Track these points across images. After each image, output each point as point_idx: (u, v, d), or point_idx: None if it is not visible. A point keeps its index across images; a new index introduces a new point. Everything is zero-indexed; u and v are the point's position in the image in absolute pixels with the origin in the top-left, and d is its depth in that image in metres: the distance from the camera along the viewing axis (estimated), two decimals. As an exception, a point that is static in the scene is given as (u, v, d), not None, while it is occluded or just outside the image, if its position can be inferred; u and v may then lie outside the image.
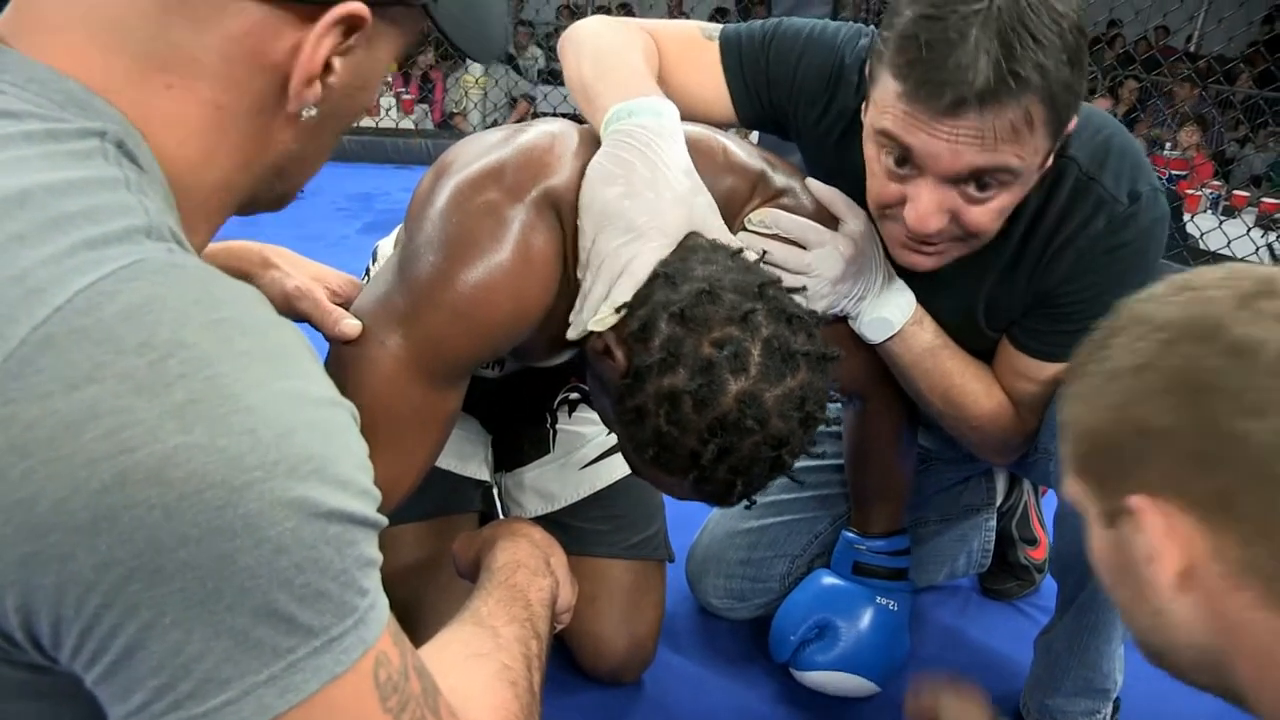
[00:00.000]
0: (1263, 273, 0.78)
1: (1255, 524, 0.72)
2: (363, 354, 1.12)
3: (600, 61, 1.30)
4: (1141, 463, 0.77)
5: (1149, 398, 0.76)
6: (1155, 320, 0.79)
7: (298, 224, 3.77)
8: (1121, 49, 9.52)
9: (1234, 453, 0.72)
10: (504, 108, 7.48)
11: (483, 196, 1.11)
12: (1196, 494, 0.74)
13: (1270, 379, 0.72)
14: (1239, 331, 0.74)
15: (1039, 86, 1.10)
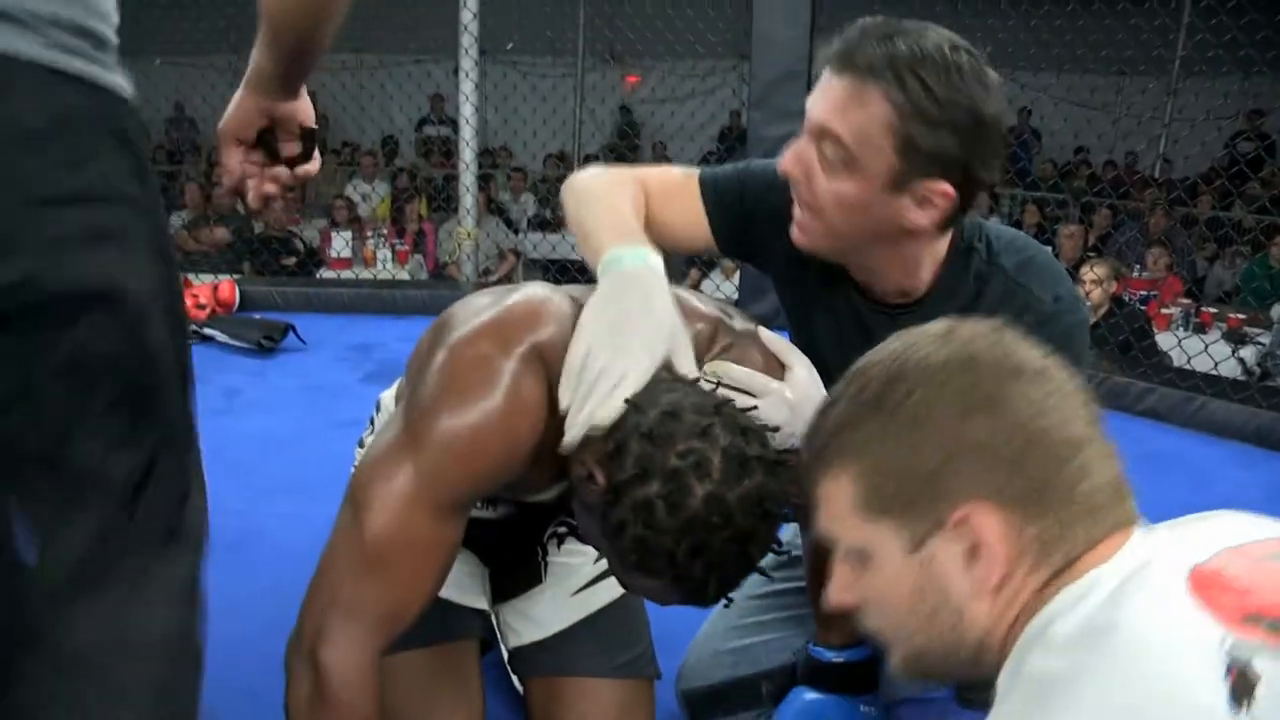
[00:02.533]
0: (976, 323, 1.00)
1: (1049, 499, 0.90)
2: (373, 491, 1.27)
3: (595, 209, 1.50)
4: (965, 479, 0.91)
5: (961, 421, 0.92)
6: (938, 361, 0.96)
7: (302, 375, 3.93)
8: (1088, 171, 9.83)
9: (1035, 447, 0.90)
10: (494, 258, 7.73)
11: (476, 350, 1.28)
12: (1012, 491, 0.90)
13: (1044, 385, 0.93)
14: (1011, 356, 0.96)
15: (891, 82, 1.32)
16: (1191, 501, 3.02)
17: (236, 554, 2.45)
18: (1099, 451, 0.93)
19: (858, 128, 1.34)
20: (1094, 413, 0.96)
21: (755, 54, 4.49)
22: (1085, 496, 0.90)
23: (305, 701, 1.27)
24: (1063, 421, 0.92)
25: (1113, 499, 0.92)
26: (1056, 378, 0.95)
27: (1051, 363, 0.96)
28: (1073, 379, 0.96)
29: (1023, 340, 0.99)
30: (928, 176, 1.36)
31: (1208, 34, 5.61)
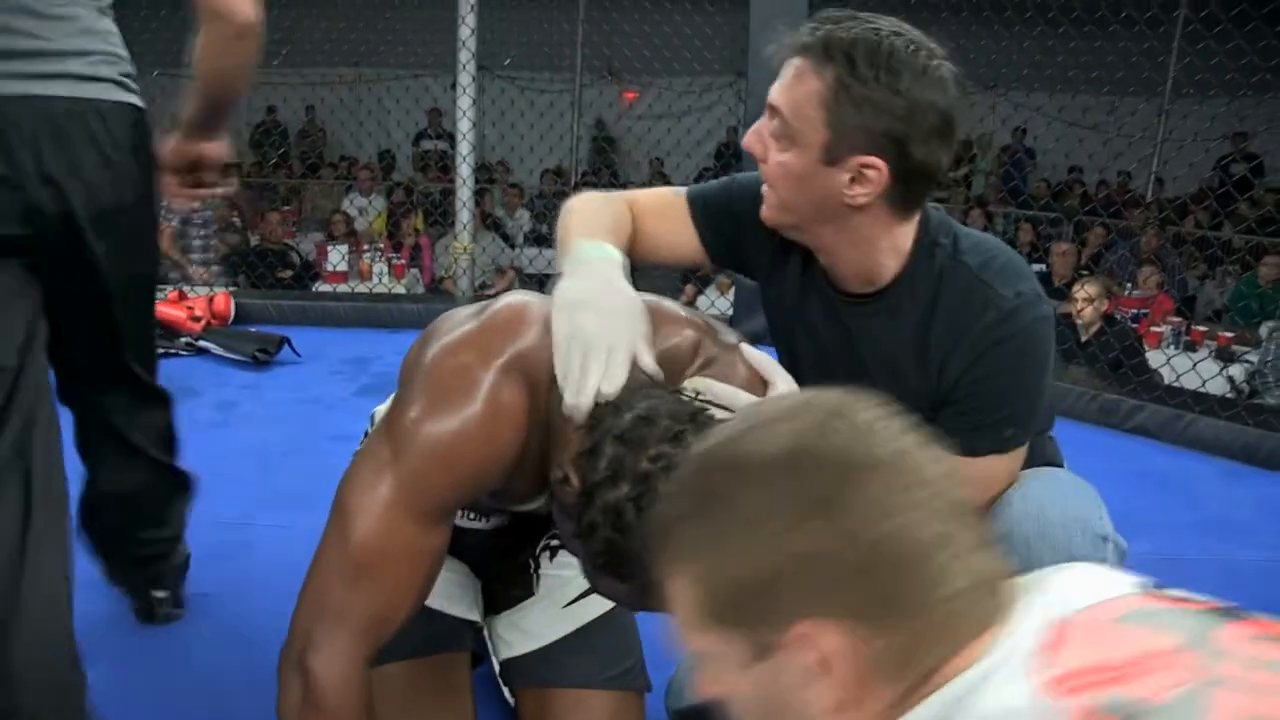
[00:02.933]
0: (824, 395, 0.91)
1: (899, 611, 0.81)
2: (357, 499, 1.30)
3: (575, 224, 1.56)
4: (801, 591, 0.81)
5: (792, 530, 0.81)
6: (764, 456, 0.85)
7: (297, 388, 3.94)
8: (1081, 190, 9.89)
9: (877, 555, 0.81)
10: (491, 272, 7.75)
11: (457, 360, 1.31)
12: (854, 602, 0.81)
13: (885, 482, 0.83)
14: (845, 449, 0.84)
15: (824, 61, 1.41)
16: (1181, 518, 3.08)
17: (231, 566, 2.47)
18: (961, 548, 0.83)
19: (793, 102, 1.44)
20: (956, 501, 0.85)
21: (752, 72, 4.52)
22: (944, 602, 0.82)
23: (296, 709, 1.29)
24: (915, 522, 0.82)
25: (979, 599, 0.83)
26: (910, 467, 0.84)
27: (907, 446, 0.86)
28: (933, 463, 0.86)
29: (878, 417, 0.88)
30: (858, 152, 1.42)
31: (1195, 57, 5.66)
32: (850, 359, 1.61)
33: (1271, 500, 3.33)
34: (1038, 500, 1.48)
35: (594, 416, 1.23)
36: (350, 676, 1.28)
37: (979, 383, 1.51)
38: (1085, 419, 3.84)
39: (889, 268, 1.54)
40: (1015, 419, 1.54)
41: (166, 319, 4.35)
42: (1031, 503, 1.48)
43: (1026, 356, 1.51)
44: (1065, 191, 9.81)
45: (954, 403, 1.53)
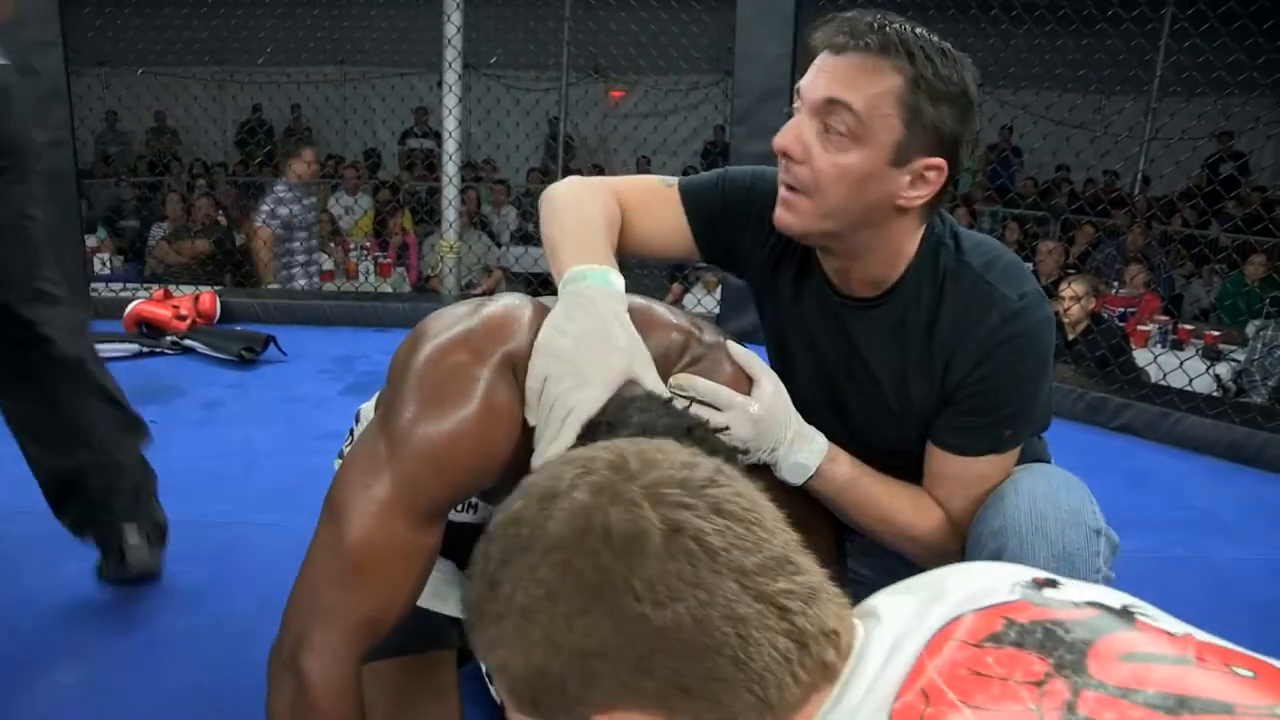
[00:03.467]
0: (610, 458, 0.83)
1: (703, 697, 0.77)
2: (351, 500, 1.29)
3: (565, 225, 1.53)
4: (590, 686, 0.77)
5: (571, 624, 0.77)
6: (540, 543, 0.79)
7: (283, 387, 3.92)
8: (1068, 188, 9.91)
9: (665, 643, 0.76)
10: (477, 270, 7.73)
11: (452, 359, 1.30)
12: (650, 692, 0.77)
13: (665, 563, 0.76)
14: (620, 530, 0.77)
15: (901, 56, 1.37)
16: (1169, 516, 3.08)
17: (219, 566, 2.45)
18: (770, 615, 0.78)
19: (870, 98, 1.38)
20: (771, 557, 0.80)
21: (738, 71, 4.52)
22: (754, 680, 0.77)
23: (287, 709, 1.27)
24: (703, 602, 0.76)
25: (797, 664, 0.79)
26: (700, 534, 0.78)
27: (703, 507, 0.79)
28: (740, 516, 0.80)
29: (670, 477, 0.81)
30: (926, 153, 1.41)
31: (1182, 56, 5.68)
32: (849, 361, 1.61)
33: (1258, 498, 3.34)
34: (1030, 495, 1.48)
35: (586, 435, 1.23)
36: (343, 677, 1.27)
37: (983, 383, 1.50)
38: (1072, 417, 3.85)
39: (899, 270, 1.53)
40: (1015, 419, 1.54)
41: (153, 318, 4.34)
42: (1024, 497, 1.48)
43: (1031, 357, 1.51)
44: (1052, 190, 9.84)
45: (956, 403, 1.53)
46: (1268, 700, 0.73)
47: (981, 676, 0.75)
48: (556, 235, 1.52)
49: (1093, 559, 1.45)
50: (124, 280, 5.76)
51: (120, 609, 2.24)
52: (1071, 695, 0.73)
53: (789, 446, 1.50)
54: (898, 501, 1.58)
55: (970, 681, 0.75)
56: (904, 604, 0.86)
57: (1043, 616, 0.81)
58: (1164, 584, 2.53)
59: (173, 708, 1.89)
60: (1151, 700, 0.72)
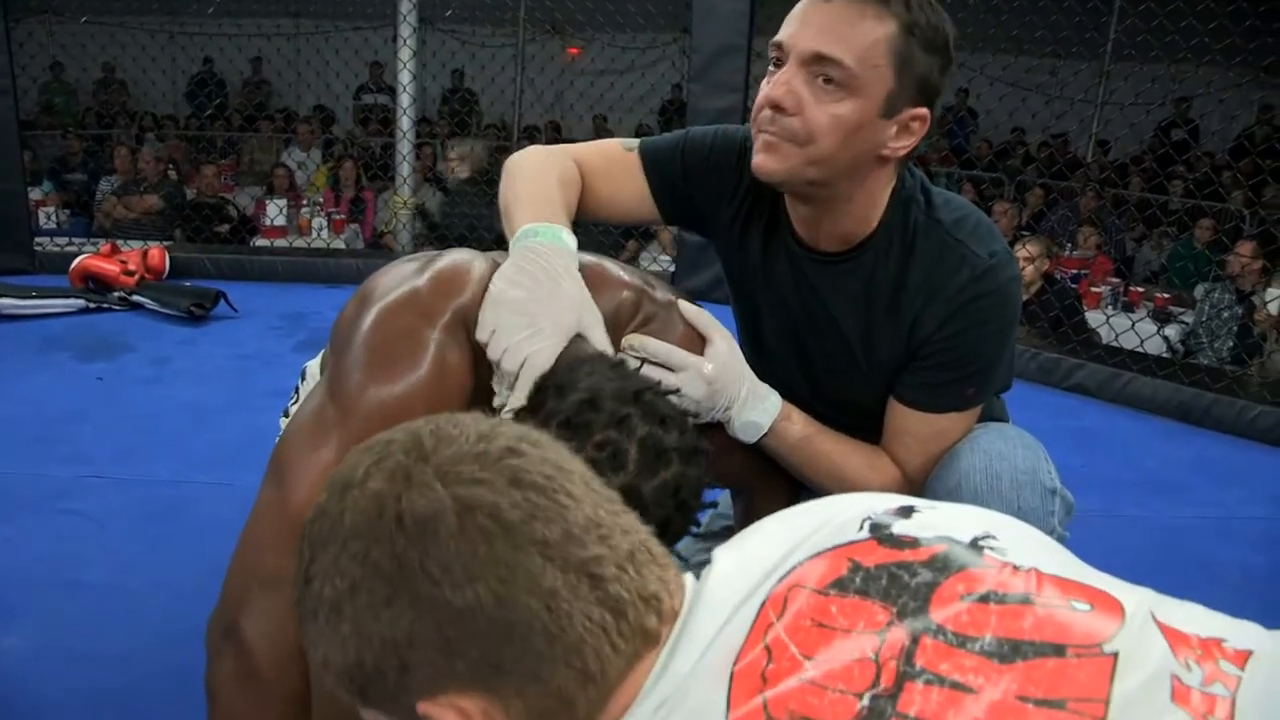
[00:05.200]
0: (405, 440, 0.81)
1: (520, 673, 0.76)
2: (298, 462, 1.27)
3: (522, 188, 1.52)
4: (407, 674, 0.76)
5: (375, 615, 0.75)
6: (339, 536, 0.78)
7: (234, 344, 3.87)
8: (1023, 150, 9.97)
9: (473, 624, 0.74)
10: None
11: (401, 320, 1.28)
12: (466, 674, 0.75)
13: (460, 544, 0.75)
14: (412, 513, 0.75)
15: (899, 5, 1.35)
16: (1119, 475, 3.12)
17: (165, 524, 2.42)
18: (582, 585, 0.77)
19: (861, 50, 1.36)
20: (584, 520, 0.79)
21: (695, 27, 4.49)
22: (570, 653, 0.76)
23: (229, 675, 1.24)
24: (503, 581, 0.75)
25: (614, 632, 0.77)
26: (486, 515, 0.76)
27: (482, 494, 0.77)
28: (547, 481, 0.79)
29: (469, 450, 0.79)
30: (913, 103, 1.40)
31: (1137, 19, 5.70)
32: (818, 318, 1.60)
33: (1206, 458, 3.39)
34: (986, 454, 1.49)
35: (535, 398, 1.21)
36: (286, 644, 1.24)
37: (950, 340, 1.50)
38: (1025, 377, 3.87)
39: (871, 224, 1.52)
40: (979, 377, 1.55)
41: (99, 272, 4.26)
42: (980, 456, 1.49)
43: (998, 315, 1.51)
44: (1007, 152, 9.89)
45: (922, 359, 1.53)
46: (1099, 637, 0.74)
47: (825, 628, 0.76)
48: (511, 198, 1.51)
49: (1047, 518, 1.46)
50: (70, 235, 5.65)
51: (61, 567, 2.20)
52: (910, 643, 0.74)
53: (742, 404, 1.50)
54: (851, 460, 1.58)
55: (814, 634, 0.76)
56: (747, 553, 0.86)
57: (889, 559, 0.81)
58: (1113, 542, 2.57)
59: (113, 669, 1.87)
60: (988, 648, 0.73)
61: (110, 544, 2.32)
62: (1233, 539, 2.74)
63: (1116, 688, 0.71)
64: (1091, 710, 0.70)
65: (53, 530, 2.37)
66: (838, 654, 0.74)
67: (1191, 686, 0.72)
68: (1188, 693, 0.72)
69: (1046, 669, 0.72)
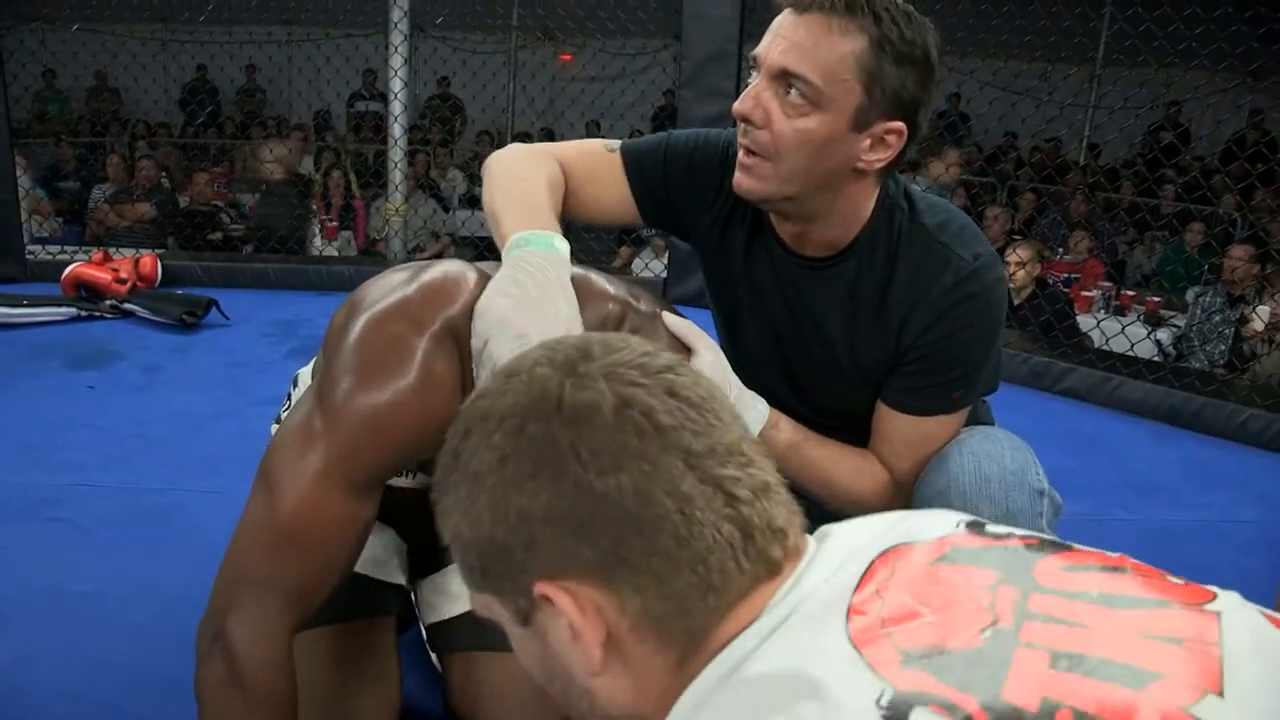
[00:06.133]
0: (575, 342, 0.85)
1: (644, 570, 0.77)
2: (286, 468, 1.27)
3: (509, 191, 1.52)
4: (533, 551, 0.78)
5: (518, 487, 0.78)
6: (498, 412, 0.81)
7: (226, 351, 3.87)
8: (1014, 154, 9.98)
9: (609, 510, 0.77)
10: (425, 235, 7.65)
11: (390, 329, 1.29)
12: (590, 561, 0.77)
13: (613, 434, 0.77)
14: (572, 400, 0.79)
15: (866, 16, 1.35)
16: (1110, 479, 3.12)
17: (156, 532, 2.42)
18: (716, 500, 0.78)
19: (827, 65, 1.36)
20: (724, 444, 0.81)
21: (686, 34, 4.49)
22: (696, 560, 0.78)
23: (218, 681, 1.25)
24: (646, 475, 0.77)
25: (740, 551, 0.79)
26: (641, 413, 0.79)
27: (655, 389, 0.80)
28: (691, 404, 0.81)
29: (627, 360, 0.82)
30: (886, 116, 1.40)
31: (1125, 24, 5.71)
32: (802, 323, 1.60)
33: (1196, 461, 3.40)
34: (974, 456, 1.49)
35: None
36: (275, 648, 1.25)
37: (937, 343, 1.51)
38: (1016, 381, 3.88)
39: (855, 231, 1.53)
40: (966, 380, 1.55)
41: (91, 280, 4.25)
42: (969, 458, 1.49)
43: (984, 318, 1.52)
44: (997, 156, 9.91)
45: (909, 363, 1.54)
46: (1202, 598, 0.79)
47: (935, 584, 0.78)
48: (499, 203, 1.50)
49: (1036, 520, 1.47)
50: (63, 243, 5.64)
51: (51, 575, 2.20)
52: (1021, 598, 0.77)
53: None
54: (840, 465, 1.58)
55: (924, 588, 0.78)
56: (856, 529, 0.88)
57: (988, 544, 0.85)
58: (1104, 546, 2.56)
59: (102, 677, 1.86)
60: (1097, 599, 0.77)
61: (100, 552, 2.32)
62: (1224, 542, 2.75)
63: (1226, 639, 0.73)
64: (1206, 651, 0.72)
65: (43, 538, 2.37)
66: (951, 600, 0.77)
67: None
68: None
69: (1157, 616, 0.75)
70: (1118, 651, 0.71)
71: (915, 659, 0.71)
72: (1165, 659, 0.71)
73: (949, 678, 0.70)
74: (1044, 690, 0.69)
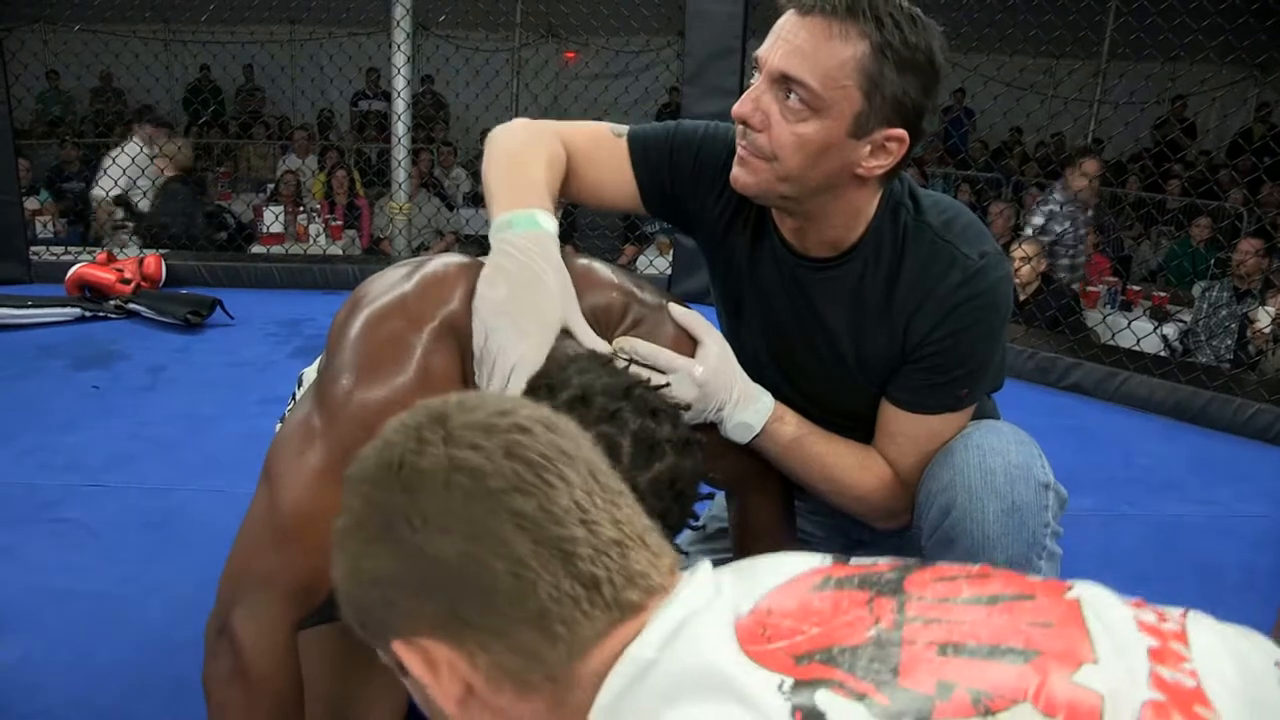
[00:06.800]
0: (434, 405, 0.86)
1: (484, 629, 0.80)
2: (287, 465, 1.27)
3: (504, 169, 1.51)
4: (390, 610, 0.82)
5: (365, 551, 0.82)
6: (356, 476, 0.85)
7: (229, 350, 3.87)
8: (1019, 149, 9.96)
9: (441, 573, 0.79)
10: (428, 232, 7.64)
11: (389, 326, 1.29)
12: (434, 620, 0.80)
13: (443, 499, 0.79)
14: (411, 466, 0.81)
15: (869, 21, 1.32)
16: (1116, 474, 3.11)
17: (161, 532, 2.42)
18: (547, 555, 0.79)
19: (827, 71, 1.34)
20: (538, 509, 0.80)
21: (689, 30, 4.48)
22: (536, 616, 0.79)
23: (224, 675, 1.26)
24: (474, 539, 0.78)
25: (585, 602, 0.80)
26: (467, 476, 0.80)
27: (472, 457, 0.81)
28: (512, 472, 0.81)
29: (464, 423, 0.84)
30: (886, 124, 1.38)
31: (1131, 18, 5.70)
32: (806, 321, 1.59)
33: (1203, 457, 3.39)
34: (980, 449, 1.49)
35: (527, 397, 1.21)
36: (277, 643, 1.26)
37: (943, 341, 1.50)
38: (1022, 377, 3.87)
39: (858, 232, 1.52)
40: (972, 378, 1.54)
41: (96, 281, 4.25)
42: (974, 452, 1.49)
43: (990, 317, 1.51)
44: (1002, 151, 9.89)
45: (915, 361, 1.53)
46: (1061, 588, 0.86)
47: (812, 609, 0.82)
48: (493, 180, 1.50)
49: (1041, 513, 1.46)
50: (66, 244, 5.64)
51: (57, 576, 2.20)
52: (898, 606, 0.82)
53: (734, 406, 1.49)
54: (843, 461, 1.58)
55: (802, 611, 0.82)
56: (715, 573, 0.89)
57: (856, 571, 0.89)
58: (1110, 541, 2.56)
59: (109, 677, 1.86)
60: (970, 600, 0.83)
61: (105, 553, 2.32)
62: (1231, 537, 2.74)
63: (1089, 616, 0.81)
64: (1075, 628, 0.80)
65: (48, 539, 2.37)
66: (831, 615, 0.81)
67: (1149, 621, 0.83)
68: (1151, 626, 0.82)
69: (1025, 605, 0.82)
70: (996, 637, 0.78)
71: (806, 657, 0.77)
72: (1041, 639, 0.78)
73: (844, 667, 0.76)
74: (937, 674, 0.74)
